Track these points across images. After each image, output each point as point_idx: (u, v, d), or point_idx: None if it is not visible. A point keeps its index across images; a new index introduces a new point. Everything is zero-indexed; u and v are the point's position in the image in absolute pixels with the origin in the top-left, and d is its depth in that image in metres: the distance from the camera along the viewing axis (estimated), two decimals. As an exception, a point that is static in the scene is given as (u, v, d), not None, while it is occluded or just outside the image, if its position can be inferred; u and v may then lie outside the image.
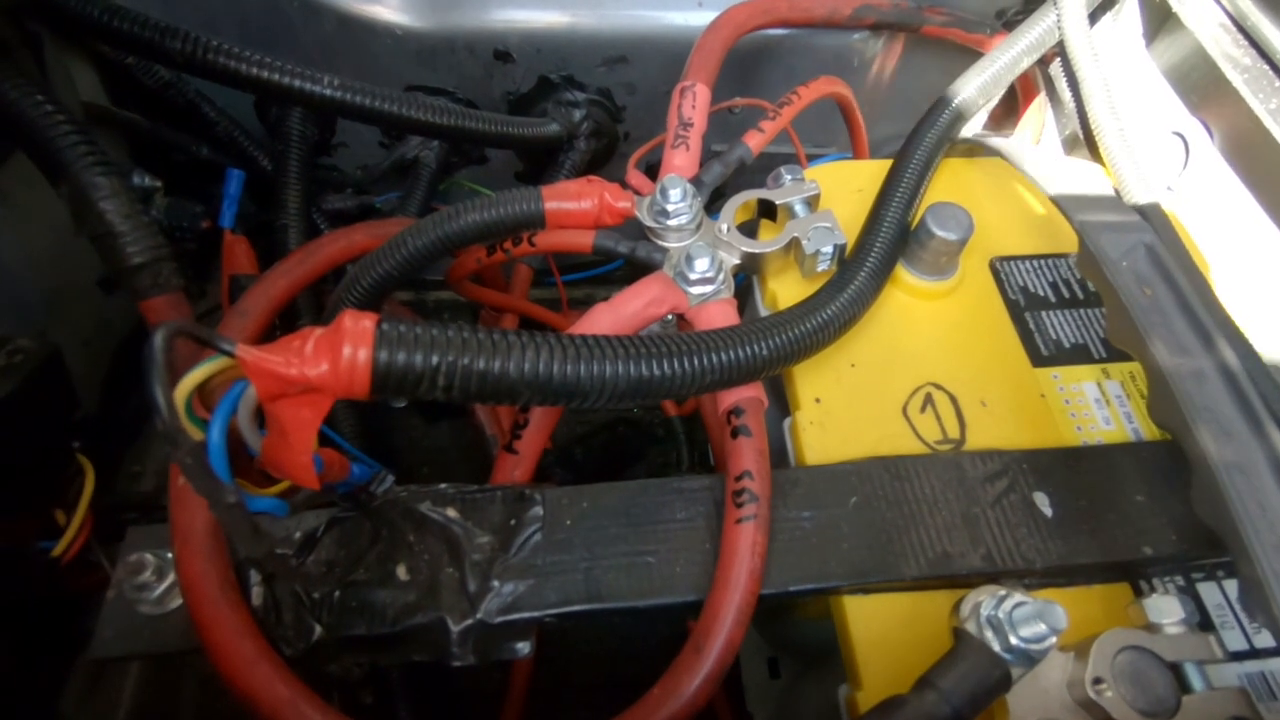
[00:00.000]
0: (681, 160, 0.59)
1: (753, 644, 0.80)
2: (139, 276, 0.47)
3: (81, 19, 0.57)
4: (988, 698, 0.37)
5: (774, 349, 0.45)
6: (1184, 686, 0.39)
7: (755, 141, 0.60)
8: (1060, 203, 0.54)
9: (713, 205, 0.58)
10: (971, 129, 0.89)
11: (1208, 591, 0.48)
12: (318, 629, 0.44)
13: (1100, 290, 0.51)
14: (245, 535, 0.31)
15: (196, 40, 0.59)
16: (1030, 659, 0.38)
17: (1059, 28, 0.72)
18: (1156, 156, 0.79)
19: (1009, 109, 0.94)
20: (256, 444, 0.33)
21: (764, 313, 0.61)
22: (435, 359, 0.32)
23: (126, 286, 0.48)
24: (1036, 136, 0.90)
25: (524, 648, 0.46)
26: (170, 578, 0.45)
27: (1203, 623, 0.47)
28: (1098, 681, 0.38)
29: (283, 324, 0.64)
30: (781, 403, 0.58)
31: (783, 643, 0.79)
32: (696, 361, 0.41)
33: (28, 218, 0.61)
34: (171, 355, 0.27)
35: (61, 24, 0.59)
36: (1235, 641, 0.46)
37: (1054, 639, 0.37)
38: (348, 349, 0.30)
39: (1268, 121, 0.65)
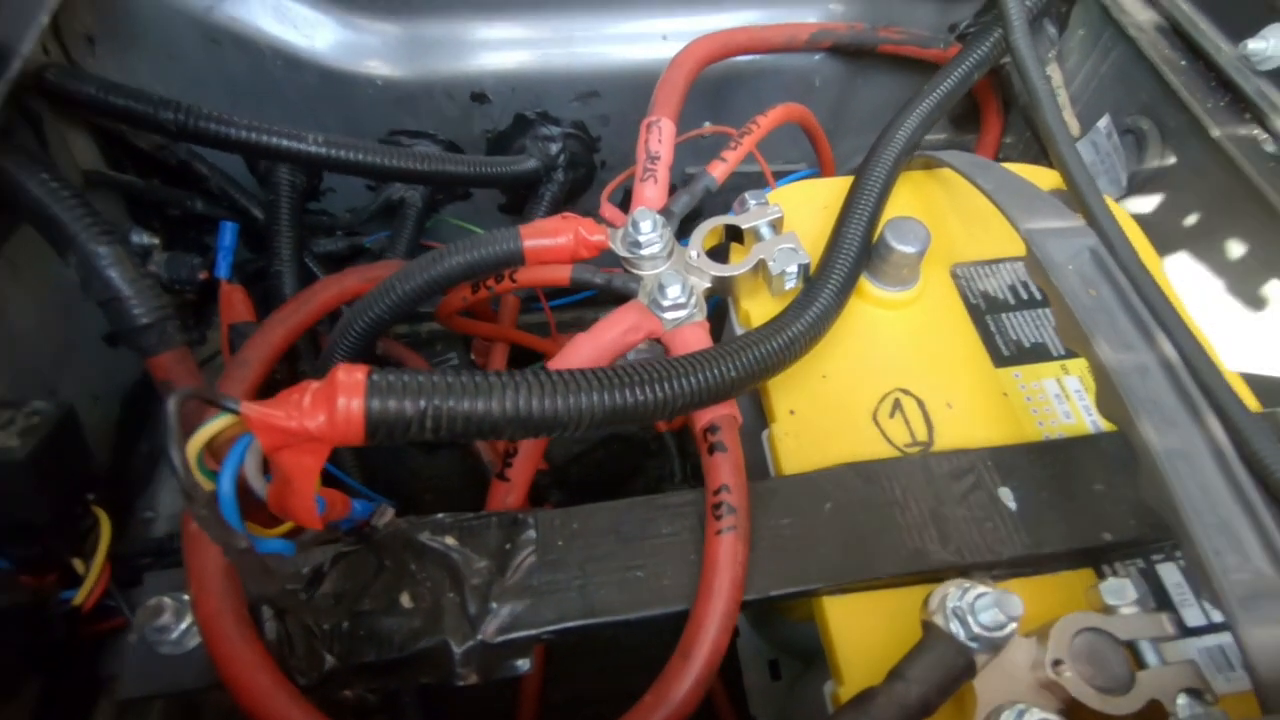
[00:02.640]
0: (651, 193, 0.62)
1: (754, 648, 0.83)
2: (145, 336, 0.51)
3: (79, 96, 0.61)
4: (954, 684, 0.40)
5: (742, 369, 0.48)
6: (1139, 663, 0.42)
7: (719, 170, 0.63)
8: (1007, 211, 0.58)
9: (685, 230, 0.62)
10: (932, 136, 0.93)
11: (1166, 572, 0.51)
12: (329, 658, 0.47)
13: (1048, 294, 0.54)
14: (257, 576, 0.34)
15: (188, 110, 0.63)
16: (993, 645, 0.41)
17: (1005, 40, 0.76)
18: (1108, 154, 0.82)
19: (969, 116, 0.97)
20: (263, 491, 0.36)
21: (739, 332, 0.64)
22: (423, 404, 0.35)
23: (134, 345, 0.51)
24: (995, 143, 0.94)
25: (524, 664, 0.48)
26: (188, 619, 0.48)
27: (1162, 602, 0.49)
28: (1057, 663, 0.41)
29: (283, 366, 0.67)
30: (761, 416, 0.61)
31: (782, 645, 0.81)
32: (668, 387, 0.44)
33: (35, 284, 0.65)
34: (184, 414, 0.30)
35: (60, 101, 0.63)
36: (1194, 618, 0.49)
37: (1013, 625, 0.40)
38: (342, 400, 0.33)
39: (1205, 120, 0.68)
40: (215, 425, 0.33)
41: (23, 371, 0.63)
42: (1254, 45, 0.66)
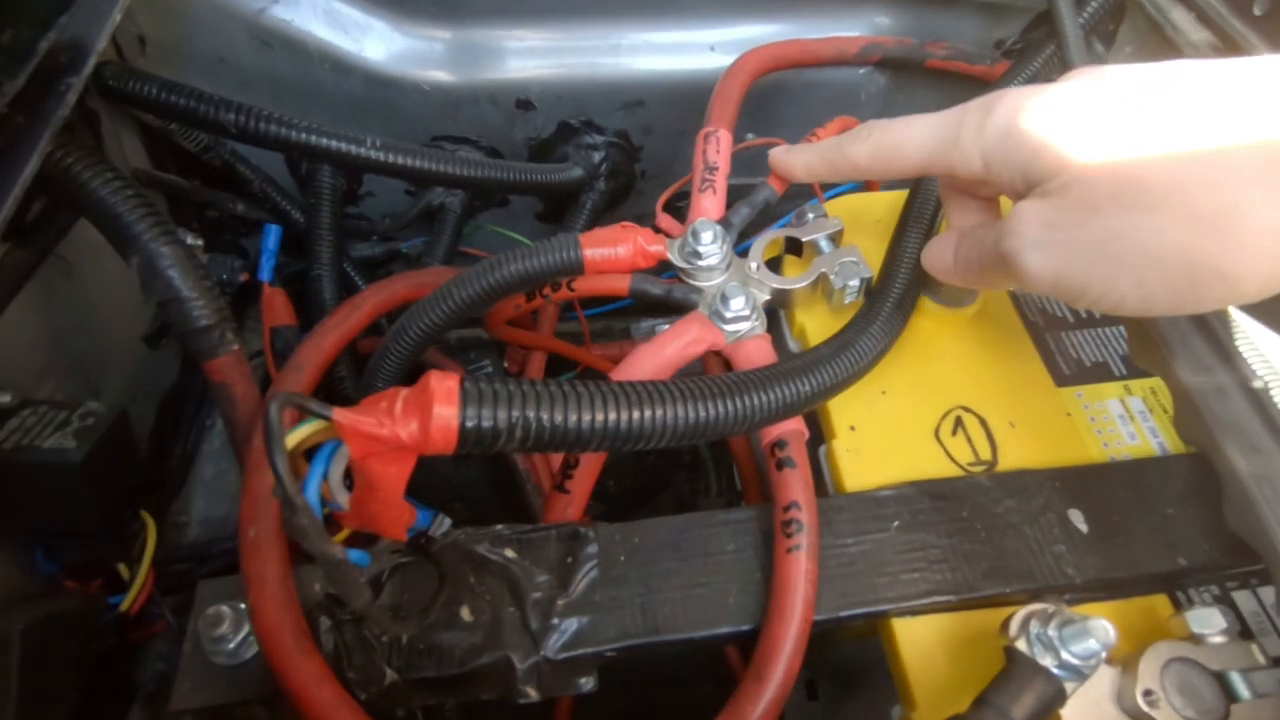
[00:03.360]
0: (709, 203, 0.61)
1: (791, 667, 0.81)
2: (206, 338, 0.50)
3: (139, 95, 0.61)
4: (1043, 713, 0.38)
5: (817, 384, 0.47)
6: (1230, 695, 0.41)
7: (779, 183, 0.62)
8: (1075, 230, 0.57)
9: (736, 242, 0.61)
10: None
11: (1243, 600, 0.49)
12: (389, 672, 0.46)
13: (1120, 313, 0.53)
14: (353, 589, 0.33)
15: (249, 110, 0.63)
16: (1081, 674, 0.40)
17: (1058, 56, 0.75)
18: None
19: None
20: (345, 501, 0.35)
21: (793, 345, 0.64)
22: (515, 414, 0.34)
23: (193, 347, 0.51)
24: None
25: (587, 683, 0.47)
26: (245, 628, 0.47)
27: (1242, 631, 0.48)
28: (1148, 694, 0.39)
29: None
30: (816, 431, 0.60)
31: (821, 665, 0.80)
32: (748, 400, 0.43)
33: (85, 283, 0.64)
34: (278, 423, 0.29)
35: (118, 100, 0.63)
36: (1274, 647, 0.47)
37: (1104, 654, 0.39)
38: (437, 409, 0.32)
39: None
40: (305, 430, 0.32)
41: (70, 372, 0.62)
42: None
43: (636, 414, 0.38)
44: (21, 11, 0.40)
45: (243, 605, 0.47)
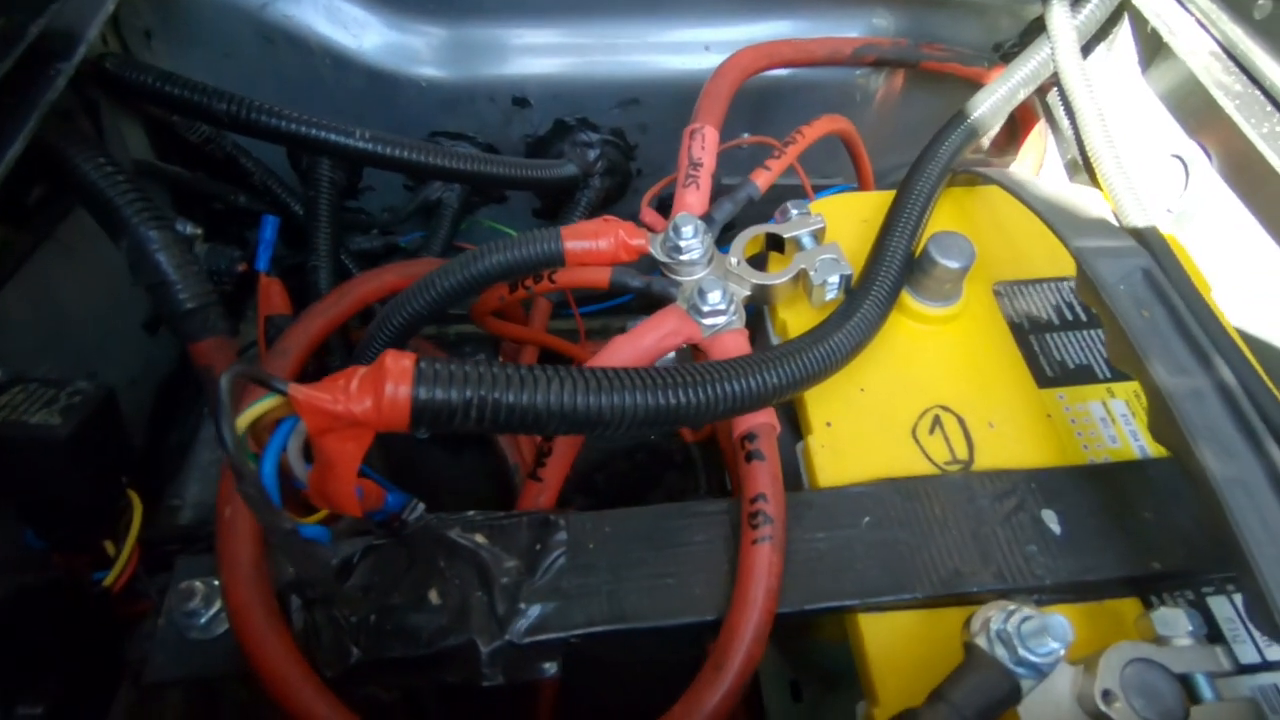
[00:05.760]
0: (692, 198, 0.62)
1: (774, 668, 0.81)
2: (190, 321, 0.51)
3: (136, 85, 0.62)
4: (998, 709, 0.38)
5: (784, 376, 0.47)
6: (1194, 698, 0.40)
7: (762, 179, 0.63)
8: (1057, 229, 0.57)
9: (722, 239, 0.61)
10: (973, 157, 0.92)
11: (1218, 605, 0.49)
12: (355, 651, 0.46)
13: (1099, 314, 0.53)
14: (300, 559, 0.34)
15: (241, 101, 0.64)
16: (1039, 671, 0.39)
17: (1053, 59, 0.75)
18: (1156, 180, 0.81)
19: (1010, 137, 0.96)
20: (304, 476, 0.36)
21: (775, 341, 0.64)
22: (469, 393, 0.34)
23: (178, 330, 0.52)
24: (1038, 163, 0.93)
25: (550, 668, 0.47)
26: (217, 604, 0.48)
27: (1213, 636, 0.47)
28: (1106, 694, 0.39)
29: (313, 360, 0.68)
30: (794, 427, 0.60)
31: (805, 666, 0.79)
32: (711, 390, 0.44)
33: (84, 268, 0.66)
34: (234, 395, 0.30)
35: (117, 89, 0.64)
36: (1247, 655, 0.47)
37: (1061, 651, 0.39)
38: (390, 386, 0.33)
39: (1261, 145, 0.67)
40: (263, 405, 0.33)
41: (66, 353, 0.64)
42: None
43: (594, 399, 0.38)
44: (15, -1, 0.41)
45: (216, 582, 0.48)
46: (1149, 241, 0.59)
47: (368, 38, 0.80)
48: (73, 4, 0.44)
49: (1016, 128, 0.95)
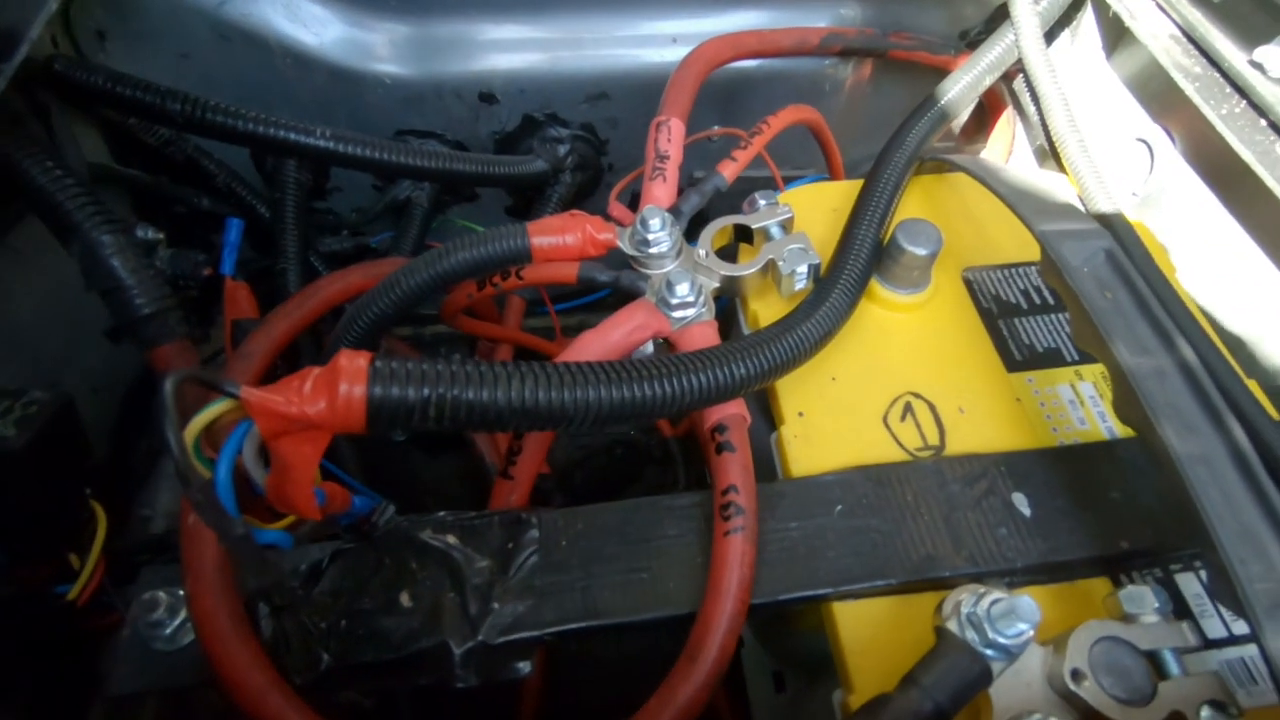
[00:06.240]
0: (660, 191, 0.61)
1: (757, 660, 0.81)
2: (147, 327, 0.50)
3: (86, 87, 0.61)
4: (969, 692, 0.38)
5: (751, 367, 0.47)
6: (1161, 673, 0.41)
7: (729, 170, 0.63)
8: (1021, 214, 0.57)
9: (693, 232, 0.61)
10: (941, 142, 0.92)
11: (1185, 582, 0.49)
12: (325, 657, 0.46)
13: (1063, 296, 0.53)
14: (254, 566, 0.33)
15: (195, 101, 0.63)
16: (1009, 653, 0.40)
17: (1017, 46, 0.75)
18: (1121, 164, 0.82)
19: (979, 125, 0.97)
20: (261, 480, 0.35)
21: (747, 333, 0.64)
22: (426, 392, 0.34)
23: (135, 336, 0.51)
24: (1007, 150, 0.94)
25: (525, 667, 0.47)
26: (182, 614, 0.47)
27: (1180, 612, 0.48)
28: (1075, 673, 0.39)
29: (285, 363, 0.67)
30: (769, 418, 0.60)
31: (786, 656, 0.79)
32: (677, 383, 0.43)
33: (40, 274, 0.64)
34: (182, 400, 0.29)
35: (68, 92, 0.63)
36: (1215, 629, 0.47)
37: (1030, 632, 0.39)
38: (344, 386, 0.32)
39: (1220, 127, 0.67)
40: (215, 410, 0.32)
41: (25, 362, 0.62)
42: (1265, 51, 0.65)
43: (556, 394, 0.38)
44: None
45: (181, 591, 0.47)
46: (1112, 224, 0.60)
47: (328, 35, 0.79)
48: (12, 3, 0.43)
49: (985, 115, 0.95)
